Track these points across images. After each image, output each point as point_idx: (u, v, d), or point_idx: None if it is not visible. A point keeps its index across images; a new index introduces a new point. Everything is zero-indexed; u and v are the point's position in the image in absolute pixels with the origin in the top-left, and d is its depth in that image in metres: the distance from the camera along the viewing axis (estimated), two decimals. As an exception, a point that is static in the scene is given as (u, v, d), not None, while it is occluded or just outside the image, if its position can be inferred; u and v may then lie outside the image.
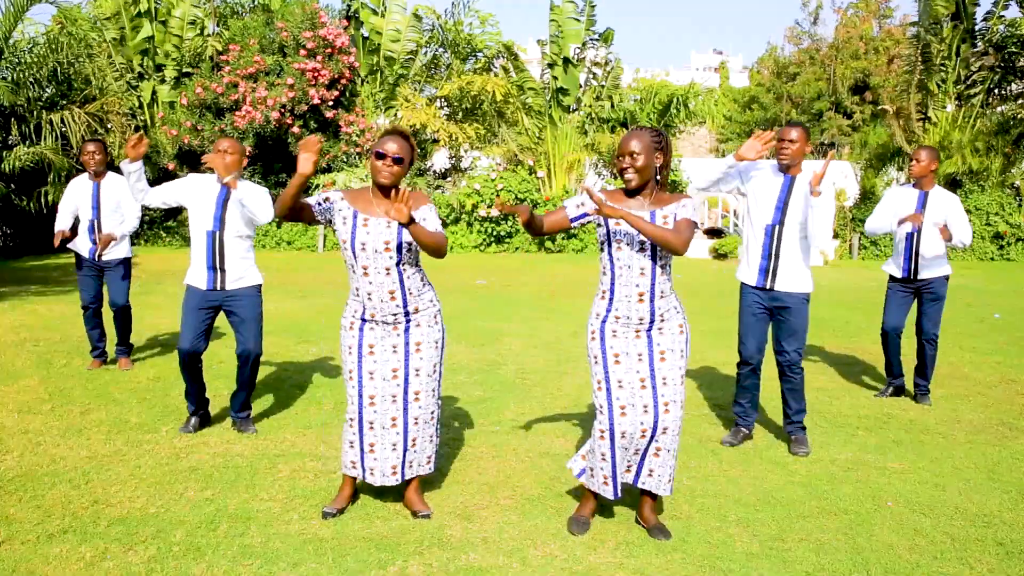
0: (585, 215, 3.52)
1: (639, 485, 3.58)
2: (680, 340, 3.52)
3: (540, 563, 3.28)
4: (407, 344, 3.59)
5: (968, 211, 15.78)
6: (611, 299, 3.48)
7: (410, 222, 3.23)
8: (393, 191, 3.32)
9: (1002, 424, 5.25)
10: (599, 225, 3.50)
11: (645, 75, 21.49)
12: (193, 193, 4.68)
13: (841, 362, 7.01)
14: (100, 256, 6.16)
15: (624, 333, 3.47)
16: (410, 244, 3.51)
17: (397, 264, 3.50)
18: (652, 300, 3.44)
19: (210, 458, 4.38)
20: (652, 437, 3.47)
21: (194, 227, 4.69)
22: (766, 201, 4.59)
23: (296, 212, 3.48)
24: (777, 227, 4.55)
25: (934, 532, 3.62)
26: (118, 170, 5.46)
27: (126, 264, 6.33)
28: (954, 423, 5.26)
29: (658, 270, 3.43)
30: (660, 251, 3.41)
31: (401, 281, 3.52)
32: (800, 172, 4.57)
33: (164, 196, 4.82)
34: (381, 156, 3.48)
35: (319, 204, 3.52)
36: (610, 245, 3.46)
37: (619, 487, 3.52)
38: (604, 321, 3.50)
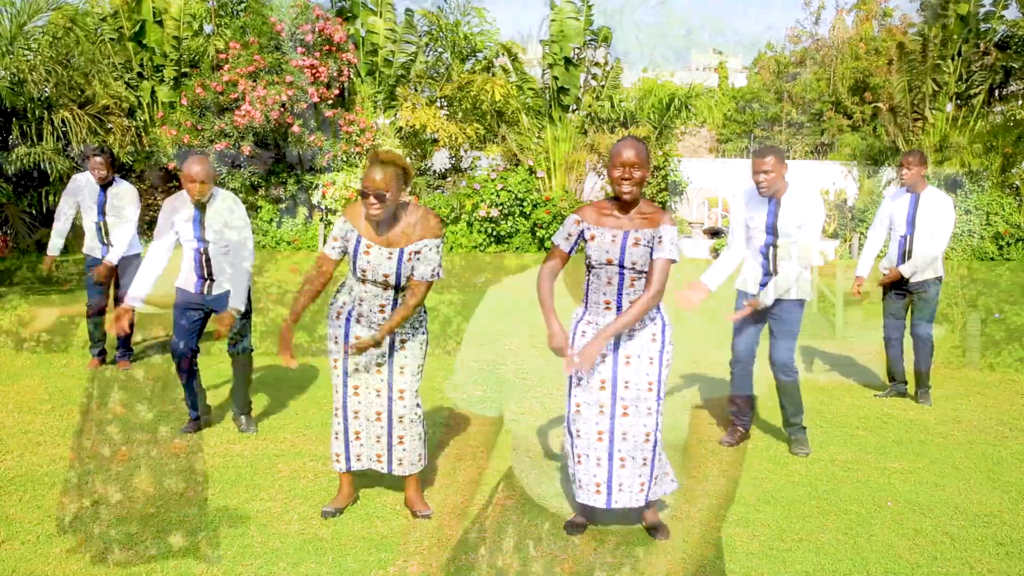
0: (576, 242, 3.51)
1: (613, 506, 3.45)
2: (652, 347, 3.44)
3: (540, 563, 3.28)
4: (392, 341, 3.60)
5: (968, 211, 15.79)
6: (586, 304, 3.52)
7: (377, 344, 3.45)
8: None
9: (1002, 424, 5.25)
10: (581, 238, 3.50)
11: (651, 75, 21.38)
12: (176, 218, 4.64)
13: (841, 362, 7.01)
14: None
15: (592, 334, 3.45)
16: (409, 276, 3.50)
17: (395, 288, 3.54)
18: (619, 309, 3.42)
19: (210, 458, 4.38)
20: (611, 442, 3.42)
21: (182, 240, 4.69)
22: (758, 225, 4.59)
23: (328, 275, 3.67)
24: (771, 248, 4.57)
25: (934, 532, 3.62)
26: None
27: (137, 261, 6.28)
28: (954, 423, 5.26)
29: (627, 282, 3.40)
30: (627, 264, 3.37)
31: (395, 299, 3.57)
32: (785, 191, 4.50)
33: (169, 238, 4.67)
34: (364, 195, 3.40)
35: (338, 248, 3.56)
36: (588, 255, 3.48)
37: (590, 492, 3.44)
38: (578, 322, 3.54)
